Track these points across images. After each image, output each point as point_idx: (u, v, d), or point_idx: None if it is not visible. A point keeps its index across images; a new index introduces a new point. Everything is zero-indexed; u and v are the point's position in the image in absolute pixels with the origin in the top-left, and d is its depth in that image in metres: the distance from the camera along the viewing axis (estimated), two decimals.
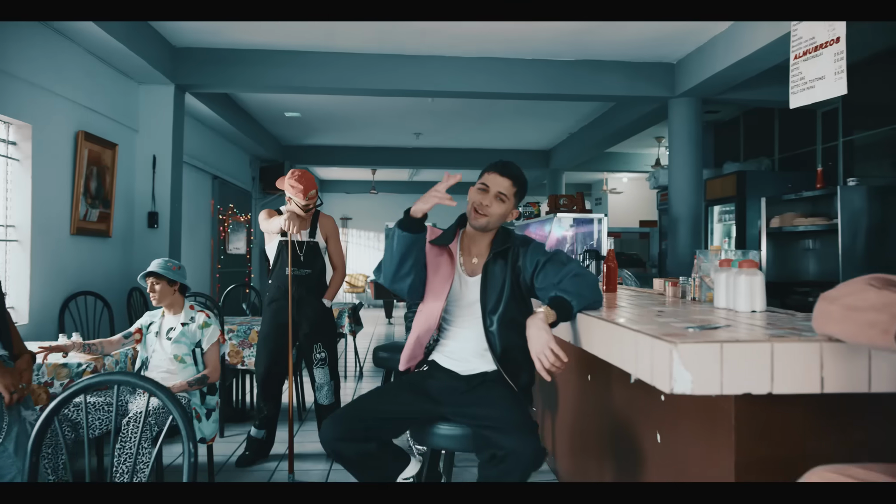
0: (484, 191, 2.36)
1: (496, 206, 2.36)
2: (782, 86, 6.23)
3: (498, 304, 2.34)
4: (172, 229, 5.80)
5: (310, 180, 4.03)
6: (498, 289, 2.35)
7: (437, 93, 6.24)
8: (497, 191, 2.36)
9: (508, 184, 2.38)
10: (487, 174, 2.39)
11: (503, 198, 2.38)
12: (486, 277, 2.38)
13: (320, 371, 4.12)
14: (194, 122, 7.51)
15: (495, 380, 2.33)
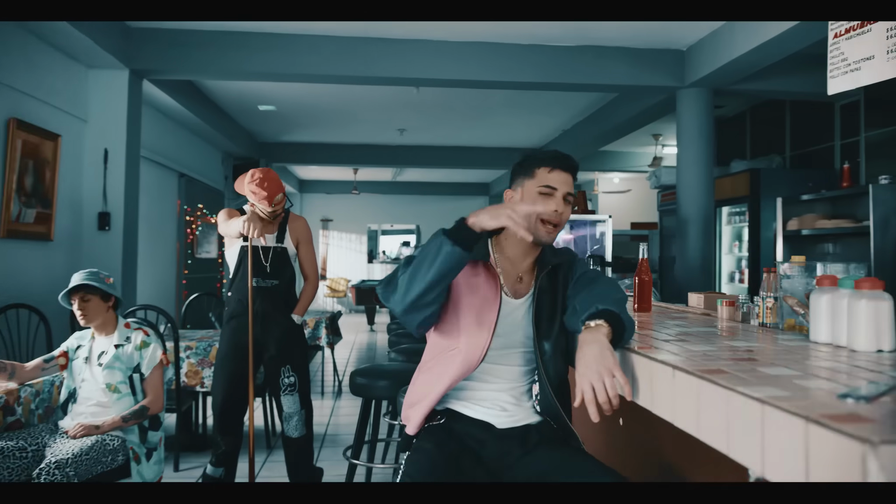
0: (550, 194, 1.84)
1: (568, 213, 1.87)
2: (804, 74, 5.74)
3: (551, 329, 1.85)
4: (127, 232, 5.17)
5: (274, 182, 3.41)
6: (553, 310, 1.87)
7: (424, 81, 5.66)
8: (565, 191, 1.85)
9: (572, 181, 1.89)
10: (551, 172, 1.86)
11: (571, 198, 1.88)
12: (539, 296, 1.87)
13: (289, 399, 3.51)
14: (157, 114, 6.87)
15: (552, 436, 1.82)
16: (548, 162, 1.85)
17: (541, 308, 1.85)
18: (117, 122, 5.13)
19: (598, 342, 1.54)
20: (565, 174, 1.84)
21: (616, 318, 1.63)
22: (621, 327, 1.63)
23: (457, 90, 6.97)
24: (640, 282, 2.34)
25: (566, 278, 1.89)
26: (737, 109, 7.43)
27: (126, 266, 5.15)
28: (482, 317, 1.82)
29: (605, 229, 5.25)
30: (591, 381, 1.49)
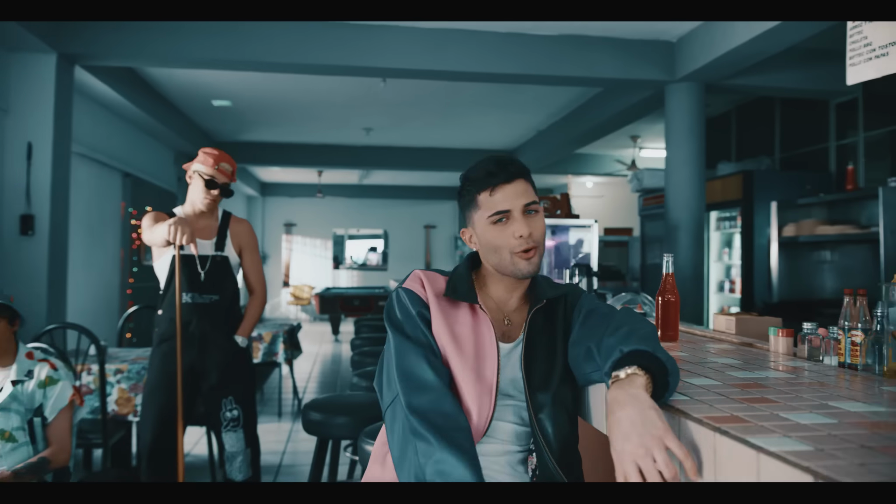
0: (506, 220, 1.48)
1: (540, 225, 1.50)
2: (800, 69, 5.35)
3: (549, 379, 1.46)
4: (54, 237, 4.56)
5: (227, 156, 2.98)
6: (548, 356, 1.49)
7: (391, 71, 5.15)
8: (523, 204, 1.47)
9: (526, 185, 1.50)
10: (493, 192, 1.48)
11: (535, 207, 1.50)
12: (531, 338, 1.49)
13: (232, 436, 2.97)
14: (98, 107, 6.25)
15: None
16: (484, 183, 1.48)
17: (532, 352, 1.47)
18: (43, 112, 4.52)
19: (636, 401, 1.11)
20: (512, 185, 1.47)
21: (654, 362, 1.19)
22: (663, 373, 1.18)
23: (426, 85, 6.47)
24: (664, 304, 1.85)
25: (567, 316, 1.52)
26: (721, 109, 7.06)
27: (53, 276, 4.54)
28: (481, 372, 1.43)
29: (591, 235, 4.79)
30: (637, 460, 1.03)
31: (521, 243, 1.44)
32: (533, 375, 1.44)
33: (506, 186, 1.46)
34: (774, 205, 5.27)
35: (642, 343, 1.23)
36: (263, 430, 5.24)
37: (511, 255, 1.46)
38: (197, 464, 4.40)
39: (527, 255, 1.45)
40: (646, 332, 1.29)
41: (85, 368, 3.65)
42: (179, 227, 2.65)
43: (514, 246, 1.45)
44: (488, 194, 1.47)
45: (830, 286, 5.30)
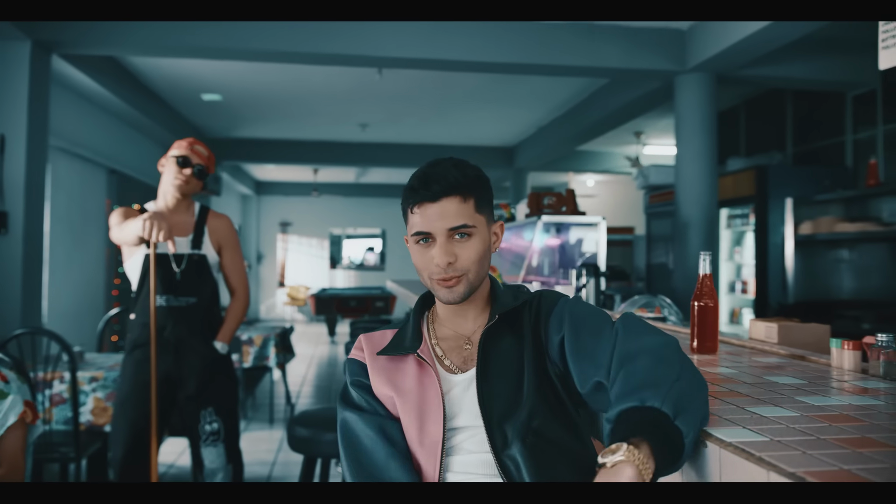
0: (427, 243, 1.32)
1: (469, 252, 1.30)
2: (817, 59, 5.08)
3: (514, 407, 1.25)
4: (30, 235, 4.30)
5: (204, 144, 2.78)
6: (509, 378, 1.29)
7: (387, 61, 4.89)
8: (448, 227, 1.29)
9: (458, 204, 1.30)
10: (415, 210, 1.33)
11: (467, 230, 1.30)
12: (484, 367, 1.30)
13: (211, 451, 2.71)
14: (80, 99, 5.98)
15: None
16: (406, 199, 1.35)
17: (489, 381, 1.28)
18: (16, 103, 4.25)
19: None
20: (437, 205, 1.29)
21: (652, 420, 0.97)
22: (673, 450, 0.95)
23: (423, 78, 6.22)
24: (702, 310, 1.59)
25: (537, 327, 1.32)
26: (729, 103, 6.81)
27: (28, 277, 4.27)
28: (425, 429, 1.28)
29: (597, 233, 4.53)
30: None
31: (439, 271, 1.29)
32: (492, 408, 1.25)
33: (428, 206, 1.29)
34: (790, 201, 5.02)
35: (656, 397, 0.99)
36: (253, 438, 4.99)
37: (431, 281, 1.32)
38: (182, 476, 4.14)
39: (447, 284, 1.29)
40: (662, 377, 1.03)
41: (57, 376, 3.39)
42: (155, 221, 2.39)
43: (433, 272, 1.30)
44: (410, 211, 1.34)
45: (849, 287, 5.06)
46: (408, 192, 1.34)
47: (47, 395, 3.31)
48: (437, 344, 1.38)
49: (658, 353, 1.10)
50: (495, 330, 1.32)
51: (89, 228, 6.38)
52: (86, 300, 6.30)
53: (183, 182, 2.66)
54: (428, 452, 1.26)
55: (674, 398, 0.99)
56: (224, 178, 10.58)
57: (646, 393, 1.00)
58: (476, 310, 1.38)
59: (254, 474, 4.17)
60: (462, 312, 1.37)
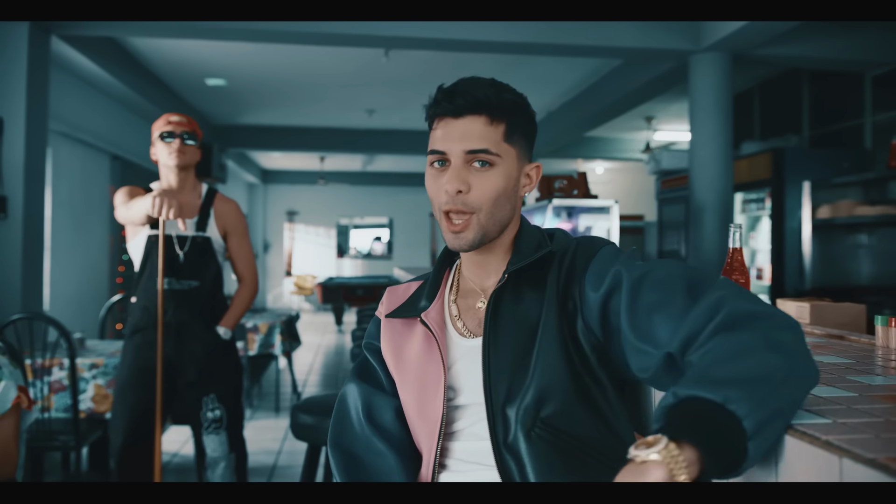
0: (443, 166, 1.10)
1: (483, 181, 1.08)
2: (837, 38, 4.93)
3: (522, 385, 1.04)
4: (30, 219, 4.22)
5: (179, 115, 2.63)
6: (520, 348, 1.06)
7: (394, 41, 4.78)
8: (466, 149, 1.07)
9: (482, 124, 1.08)
10: (436, 125, 1.12)
11: (488, 158, 1.08)
12: (493, 330, 1.08)
13: (213, 439, 2.62)
14: (82, 84, 5.89)
15: None
16: (430, 111, 1.13)
17: (496, 353, 1.07)
18: (15, 85, 4.16)
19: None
20: (460, 122, 1.07)
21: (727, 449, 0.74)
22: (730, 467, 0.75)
23: (431, 61, 6.10)
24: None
25: (567, 286, 1.07)
26: (744, 86, 6.66)
27: (28, 262, 4.19)
28: (424, 408, 1.12)
29: (610, 218, 4.42)
30: None
31: (448, 200, 1.08)
32: (498, 386, 1.05)
33: (449, 122, 1.09)
34: (807, 184, 4.89)
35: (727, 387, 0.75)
36: (259, 426, 4.92)
37: (440, 214, 1.10)
38: (186, 466, 4.07)
39: (453, 227, 1.08)
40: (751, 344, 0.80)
41: (57, 363, 3.31)
42: (166, 199, 2.29)
43: (443, 202, 1.09)
44: (431, 127, 1.13)
45: (867, 271, 4.93)
46: (430, 107, 1.13)
47: (46, 381, 3.24)
48: (456, 300, 1.18)
49: (770, 335, 0.83)
50: (511, 288, 1.10)
51: (92, 215, 6.30)
52: (89, 287, 6.23)
53: (177, 154, 2.56)
54: (427, 433, 1.11)
55: (766, 413, 0.75)
56: (230, 166, 10.50)
57: (731, 391, 0.75)
58: (497, 261, 1.16)
59: (259, 463, 4.10)
60: (482, 263, 1.16)
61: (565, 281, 1.07)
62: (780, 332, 0.83)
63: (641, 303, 0.96)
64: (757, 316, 0.85)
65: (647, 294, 0.96)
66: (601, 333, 1.03)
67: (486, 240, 1.10)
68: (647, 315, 0.94)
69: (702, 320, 0.87)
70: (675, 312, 0.91)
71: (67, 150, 5.76)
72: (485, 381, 1.05)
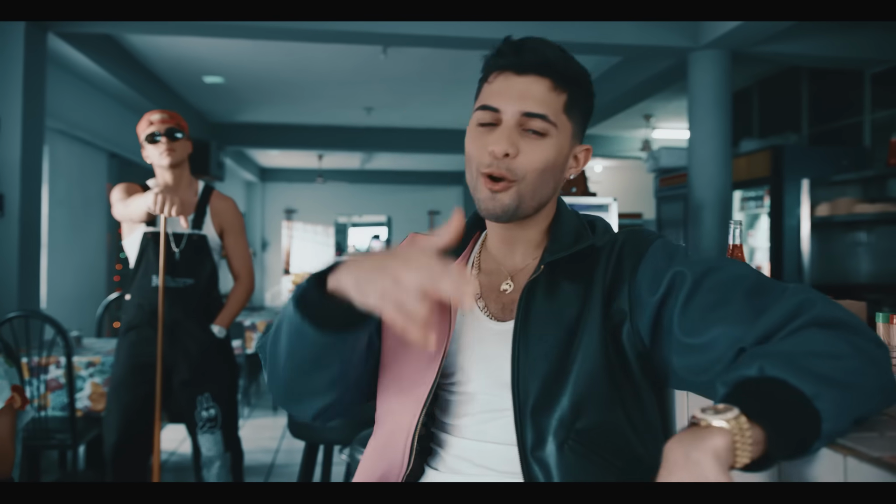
0: (492, 121, 0.98)
1: (534, 150, 0.97)
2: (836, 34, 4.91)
3: (553, 394, 0.93)
4: (26, 217, 4.20)
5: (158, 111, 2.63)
6: (557, 347, 0.94)
7: (391, 38, 4.76)
8: (523, 111, 0.96)
9: (546, 87, 0.98)
10: (493, 78, 1.01)
11: (543, 127, 0.97)
12: (524, 320, 0.96)
13: (208, 438, 2.61)
14: (80, 81, 5.87)
15: None
16: (490, 64, 1.02)
17: (523, 339, 0.96)
18: (11, 83, 4.14)
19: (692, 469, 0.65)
20: (522, 79, 0.97)
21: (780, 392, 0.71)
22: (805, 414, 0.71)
23: (429, 59, 6.08)
24: None
25: (617, 283, 0.97)
26: (742, 84, 6.65)
27: (25, 260, 4.18)
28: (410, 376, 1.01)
29: (609, 217, 4.41)
30: None
31: (491, 162, 0.97)
32: (526, 378, 0.94)
33: (509, 77, 0.98)
34: (806, 182, 4.88)
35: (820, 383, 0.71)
36: (257, 425, 4.91)
37: (478, 175, 0.99)
38: (183, 465, 4.06)
39: (492, 185, 0.97)
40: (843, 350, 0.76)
41: (53, 361, 3.30)
42: (168, 196, 2.28)
43: (482, 162, 0.98)
44: (486, 81, 1.02)
45: (866, 269, 4.92)
46: (490, 57, 1.02)
47: (43, 380, 3.22)
48: (479, 276, 1.08)
49: (867, 345, 0.79)
50: (545, 279, 0.99)
51: (90, 213, 6.29)
52: (87, 285, 6.21)
53: (167, 152, 2.54)
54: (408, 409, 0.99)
55: (845, 421, 0.73)
56: (228, 164, 10.47)
57: (823, 388, 0.71)
58: (528, 243, 1.06)
59: (257, 462, 4.09)
60: (510, 240, 1.06)
61: (612, 281, 0.98)
62: (874, 346, 0.80)
63: (697, 304, 0.89)
64: (849, 325, 0.81)
65: (706, 295, 0.89)
66: (649, 340, 0.95)
67: (519, 213, 1.00)
68: (701, 316, 0.88)
69: (788, 315, 0.82)
70: (736, 313, 0.85)
71: (65, 147, 5.74)
72: (513, 377, 0.94)
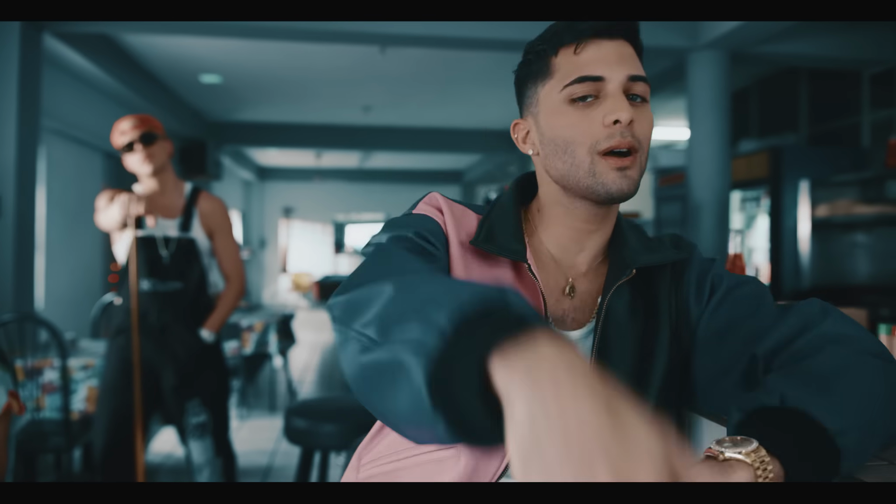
0: (593, 98, 0.87)
1: (645, 118, 0.89)
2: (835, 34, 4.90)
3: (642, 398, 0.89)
4: (21, 218, 4.18)
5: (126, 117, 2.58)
6: (642, 360, 0.91)
7: (389, 38, 4.74)
8: (630, 73, 0.88)
9: (634, 54, 0.91)
10: (581, 50, 0.88)
11: (646, 91, 0.89)
12: (607, 329, 0.90)
13: (198, 444, 2.59)
14: (76, 81, 5.84)
15: None
16: (563, 36, 0.88)
17: (609, 351, 0.88)
18: (6, 83, 4.12)
19: None
20: (614, 43, 0.88)
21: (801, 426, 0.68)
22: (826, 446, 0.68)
23: (427, 58, 6.06)
24: None
25: (678, 291, 0.94)
26: (740, 84, 6.63)
27: (20, 262, 4.16)
28: None
29: None
30: None
31: (612, 134, 0.85)
32: None
33: (600, 43, 0.87)
34: (805, 183, 4.87)
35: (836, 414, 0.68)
36: (254, 426, 4.89)
37: (593, 156, 0.87)
38: (179, 469, 4.03)
39: (620, 162, 0.86)
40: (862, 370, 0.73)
41: (48, 363, 3.28)
42: (132, 198, 2.26)
43: (601, 139, 0.86)
44: (572, 52, 0.88)
45: (865, 271, 4.91)
46: (562, 30, 0.89)
47: (38, 382, 3.21)
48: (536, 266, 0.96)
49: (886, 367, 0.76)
50: (628, 286, 0.92)
51: (86, 213, 6.25)
52: (83, 286, 6.19)
53: (146, 160, 2.51)
54: None
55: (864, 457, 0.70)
56: (225, 163, 10.45)
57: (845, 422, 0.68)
58: (600, 241, 0.96)
59: (253, 463, 4.07)
60: (585, 236, 0.95)
61: (673, 290, 0.94)
62: (892, 367, 0.76)
63: (729, 310, 0.88)
64: (864, 341, 0.78)
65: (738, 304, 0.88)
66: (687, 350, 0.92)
67: (627, 198, 0.90)
68: (732, 321, 0.87)
69: (798, 327, 0.80)
70: (764, 321, 0.84)
71: (61, 148, 5.72)
72: None
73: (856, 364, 0.74)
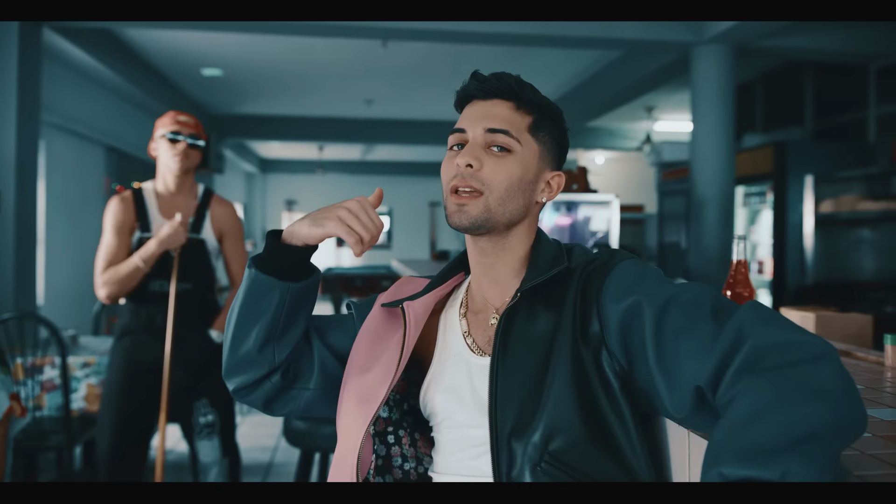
0: (461, 142, 1.07)
1: (498, 165, 1.02)
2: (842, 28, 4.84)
3: (528, 418, 0.93)
4: (22, 213, 4.16)
5: (187, 113, 2.59)
6: (532, 374, 0.96)
7: (391, 31, 4.70)
8: (487, 126, 1.03)
9: (509, 109, 1.05)
10: (463, 109, 1.11)
11: (507, 142, 1.02)
12: (503, 348, 0.98)
13: (206, 444, 2.58)
14: (76, 75, 5.82)
15: None
16: (459, 97, 1.12)
17: (501, 367, 0.97)
18: (6, 78, 4.09)
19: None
20: (486, 104, 1.06)
21: None
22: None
23: (429, 51, 6.02)
24: (735, 300, 1.43)
25: (586, 302, 0.97)
26: (745, 77, 6.58)
27: (21, 257, 4.14)
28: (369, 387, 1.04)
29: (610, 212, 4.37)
30: None
31: (456, 175, 1.02)
32: (503, 413, 0.94)
33: (476, 104, 1.07)
34: (810, 179, 4.83)
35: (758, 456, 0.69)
36: (255, 423, 4.89)
37: (448, 194, 1.04)
38: (180, 463, 4.03)
39: (459, 199, 1.01)
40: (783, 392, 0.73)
41: (48, 361, 3.27)
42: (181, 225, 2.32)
43: (450, 179, 1.03)
44: (460, 110, 1.12)
45: (870, 267, 4.88)
46: (458, 91, 1.12)
47: (38, 380, 3.20)
48: (466, 315, 1.10)
49: (806, 375, 0.74)
50: (525, 308, 0.99)
51: (88, 207, 6.25)
52: (84, 281, 6.18)
53: (181, 158, 2.49)
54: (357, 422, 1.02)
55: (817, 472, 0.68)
56: (228, 156, 10.43)
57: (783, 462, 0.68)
58: (509, 274, 1.06)
59: (255, 460, 4.07)
60: (491, 271, 1.07)
61: (581, 302, 0.97)
62: (816, 368, 0.75)
63: (667, 330, 0.88)
64: (787, 346, 0.77)
65: (674, 320, 0.88)
66: (625, 361, 0.94)
67: (489, 225, 1.01)
68: (674, 345, 0.86)
69: (727, 351, 0.80)
70: (703, 340, 0.83)
71: (62, 142, 5.70)
72: (490, 406, 0.95)
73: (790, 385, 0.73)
